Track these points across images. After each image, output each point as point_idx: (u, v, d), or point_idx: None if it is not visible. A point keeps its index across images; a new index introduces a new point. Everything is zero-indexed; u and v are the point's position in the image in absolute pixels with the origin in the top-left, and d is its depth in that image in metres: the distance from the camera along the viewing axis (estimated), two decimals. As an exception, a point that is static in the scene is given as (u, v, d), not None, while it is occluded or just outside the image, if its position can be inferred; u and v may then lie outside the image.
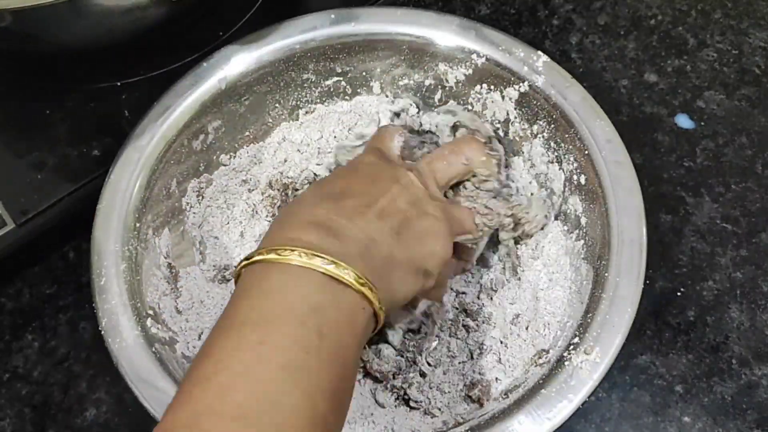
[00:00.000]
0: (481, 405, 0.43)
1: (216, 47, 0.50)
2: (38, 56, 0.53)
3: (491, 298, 0.47)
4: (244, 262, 0.35)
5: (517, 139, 0.51)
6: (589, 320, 0.41)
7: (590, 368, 0.39)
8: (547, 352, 0.43)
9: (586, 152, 0.46)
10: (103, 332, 0.40)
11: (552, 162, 0.49)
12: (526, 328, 0.46)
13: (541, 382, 0.40)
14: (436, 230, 0.41)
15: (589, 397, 0.39)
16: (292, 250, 0.34)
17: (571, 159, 0.47)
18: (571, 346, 0.40)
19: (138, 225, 0.45)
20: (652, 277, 0.51)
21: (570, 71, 0.57)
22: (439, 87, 0.52)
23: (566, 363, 0.39)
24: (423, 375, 0.44)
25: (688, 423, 0.46)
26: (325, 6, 0.51)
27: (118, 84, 0.54)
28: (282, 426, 0.29)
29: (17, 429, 0.46)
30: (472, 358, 0.45)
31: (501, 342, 0.45)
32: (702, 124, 0.58)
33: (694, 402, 0.47)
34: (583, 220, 0.46)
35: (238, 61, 0.49)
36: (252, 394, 0.30)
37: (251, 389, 0.30)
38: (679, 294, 0.51)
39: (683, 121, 0.58)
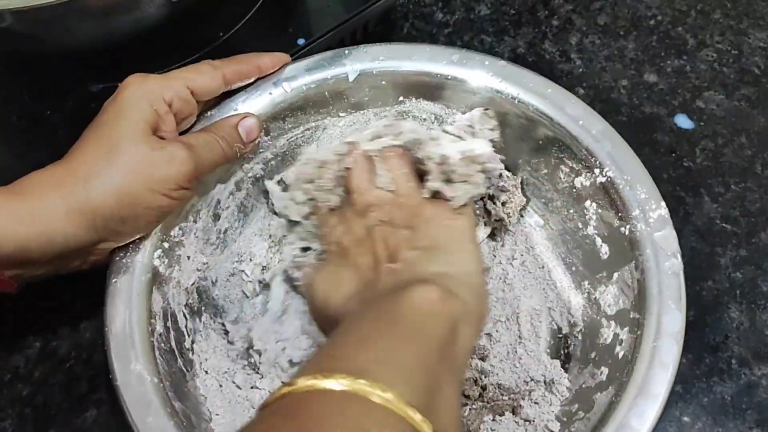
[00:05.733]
0: None
1: (216, 47, 0.50)
2: (38, 56, 0.53)
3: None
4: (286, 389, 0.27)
5: None
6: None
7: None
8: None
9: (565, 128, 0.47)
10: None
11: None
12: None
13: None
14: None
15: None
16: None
17: (555, 150, 0.48)
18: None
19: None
20: (651, 277, 0.51)
21: (570, 71, 0.57)
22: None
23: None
24: None
25: (688, 423, 0.46)
26: (325, 6, 0.51)
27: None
28: None
29: (18, 429, 0.46)
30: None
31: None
32: (701, 124, 0.58)
33: (694, 402, 0.47)
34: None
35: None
36: None
37: None
38: (678, 294, 0.51)
39: (683, 121, 0.58)
